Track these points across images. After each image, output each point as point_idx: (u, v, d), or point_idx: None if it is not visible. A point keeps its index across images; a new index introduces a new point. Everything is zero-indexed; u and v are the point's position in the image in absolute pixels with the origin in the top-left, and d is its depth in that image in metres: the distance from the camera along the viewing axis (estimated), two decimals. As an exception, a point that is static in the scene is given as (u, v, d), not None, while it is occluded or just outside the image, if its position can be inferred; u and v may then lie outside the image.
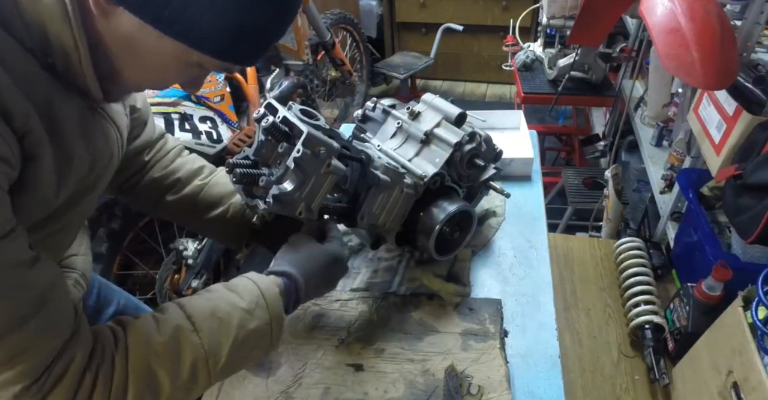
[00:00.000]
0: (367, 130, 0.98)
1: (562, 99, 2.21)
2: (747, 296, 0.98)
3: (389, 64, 3.38)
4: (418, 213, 0.88)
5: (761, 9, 1.15)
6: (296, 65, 2.52)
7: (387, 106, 0.96)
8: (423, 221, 0.88)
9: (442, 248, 0.93)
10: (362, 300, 0.94)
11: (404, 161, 0.89)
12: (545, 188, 1.24)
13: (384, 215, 0.85)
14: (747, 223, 1.05)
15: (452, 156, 0.88)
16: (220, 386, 0.81)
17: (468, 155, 0.90)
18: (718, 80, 1.08)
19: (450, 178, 0.90)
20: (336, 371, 0.82)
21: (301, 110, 0.75)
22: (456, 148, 0.88)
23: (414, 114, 0.92)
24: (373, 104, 0.98)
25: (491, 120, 1.34)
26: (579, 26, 1.86)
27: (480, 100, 3.77)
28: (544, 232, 1.09)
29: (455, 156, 0.89)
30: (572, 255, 1.66)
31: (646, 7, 1.17)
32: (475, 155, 0.92)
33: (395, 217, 0.86)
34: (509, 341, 0.87)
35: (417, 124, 0.91)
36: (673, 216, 1.58)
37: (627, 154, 2.21)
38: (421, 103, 0.94)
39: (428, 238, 0.87)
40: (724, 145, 1.22)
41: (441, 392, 0.78)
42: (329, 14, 2.79)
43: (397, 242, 0.93)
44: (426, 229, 0.88)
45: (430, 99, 0.94)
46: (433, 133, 0.90)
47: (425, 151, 0.90)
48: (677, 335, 1.28)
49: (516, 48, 2.58)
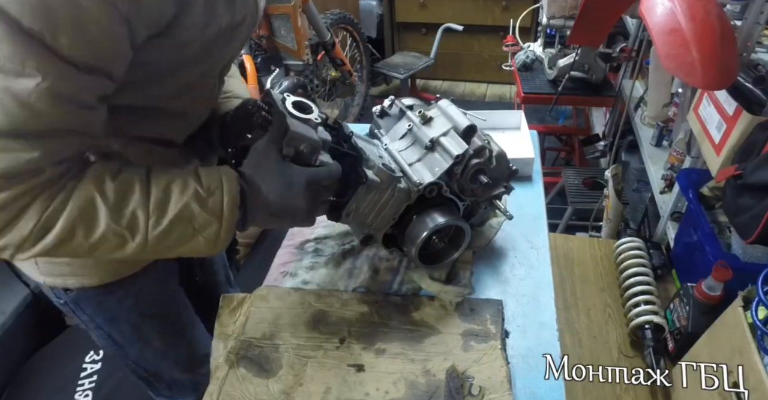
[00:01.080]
0: (382, 126, 0.97)
1: (562, 99, 2.21)
2: (747, 296, 0.98)
3: (389, 64, 3.38)
4: (408, 219, 0.88)
5: (761, 9, 1.15)
6: (296, 65, 2.52)
7: (405, 106, 0.95)
8: (411, 228, 0.88)
9: (427, 257, 0.93)
10: (363, 300, 0.94)
11: (404, 165, 0.88)
12: (545, 188, 1.24)
13: (373, 214, 0.85)
14: (747, 223, 1.05)
15: (453, 168, 0.86)
16: (220, 386, 0.81)
17: (472, 169, 0.87)
18: (718, 80, 1.08)
19: (449, 189, 0.88)
20: (337, 371, 0.82)
21: (294, 102, 0.74)
22: (457, 160, 0.85)
23: (425, 119, 0.91)
24: (390, 102, 0.98)
25: (491, 120, 1.34)
26: (579, 26, 1.86)
27: (480, 100, 3.77)
28: (545, 232, 1.09)
29: (456, 168, 0.86)
30: (572, 255, 1.66)
31: (646, 7, 1.17)
32: (481, 171, 0.88)
33: (384, 218, 0.86)
34: (510, 342, 0.87)
35: (426, 130, 0.90)
36: (673, 216, 1.59)
37: (627, 154, 2.22)
38: (435, 109, 0.92)
39: (413, 245, 0.87)
40: (724, 145, 1.22)
41: (442, 392, 0.78)
42: (329, 14, 2.79)
43: (385, 244, 0.92)
44: (412, 236, 0.87)
45: (445, 105, 0.92)
46: (438, 142, 0.88)
47: (428, 158, 0.88)
48: (677, 335, 1.28)
49: (516, 48, 2.58)
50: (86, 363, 1.36)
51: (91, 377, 1.33)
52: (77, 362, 1.36)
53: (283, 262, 1.04)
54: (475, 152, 0.87)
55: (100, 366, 1.36)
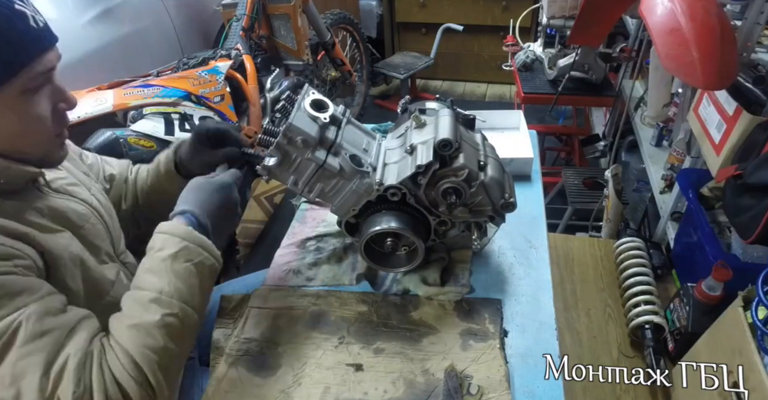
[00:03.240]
0: (402, 122, 0.97)
1: (562, 99, 2.20)
2: (747, 296, 0.98)
3: (389, 64, 3.38)
4: (368, 214, 0.90)
5: (761, 9, 1.15)
6: (296, 65, 2.52)
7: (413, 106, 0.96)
8: (365, 223, 0.89)
9: (378, 258, 0.93)
10: (362, 300, 0.94)
11: (381, 162, 0.89)
12: (545, 188, 1.24)
13: (338, 199, 0.89)
14: (747, 223, 1.05)
15: (417, 177, 0.83)
16: (219, 386, 0.81)
17: (442, 185, 0.84)
18: (718, 80, 1.08)
19: (414, 198, 0.86)
20: (336, 370, 0.82)
21: (313, 101, 0.86)
22: (419, 170, 0.82)
23: (420, 123, 0.90)
24: (404, 101, 1.00)
25: (491, 120, 1.34)
26: (579, 26, 1.86)
27: (480, 100, 3.76)
28: (544, 232, 1.09)
29: (420, 179, 0.83)
30: (572, 255, 1.66)
31: (646, 7, 1.17)
32: (454, 190, 0.84)
33: (344, 206, 0.89)
34: (509, 341, 0.87)
35: (414, 134, 0.89)
36: (673, 216, 1.58)
37: (627, 154, 2.21)
38: (434, 117, 0.91)
39: (361, 239, 0.89)
40: (724, 145, 1.22)
41: (441, 391, 0.78)
42: (329, 14, 2.78)
43: (347, 231, 0.94)
44: (363, 230, 0.89)
45: (441, 114, 0.90)
46: (415, 148, 0.86)
47: (404, 161, 0.87)
48: (677, 335, 1.28)
49: (516, 48, 2.57)
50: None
51: None
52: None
53: (286, 261, 1.04)
54: (452, 170, 0.83)
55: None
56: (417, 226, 0.89)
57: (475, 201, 0.87)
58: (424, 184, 0.84)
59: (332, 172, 0.85)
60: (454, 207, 0.86)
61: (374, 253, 0.93)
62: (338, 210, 0.91)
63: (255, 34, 2.27)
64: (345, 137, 0.88)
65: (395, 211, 0.88)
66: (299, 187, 0.87)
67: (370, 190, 0.86)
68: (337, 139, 0.86)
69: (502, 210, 0.89)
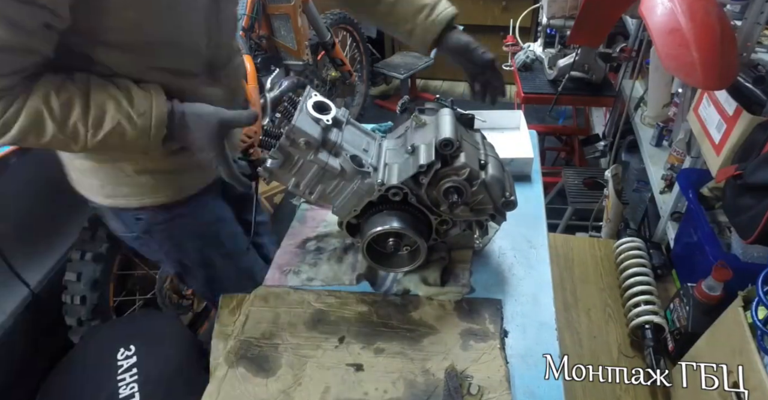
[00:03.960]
0: (401, 122, 0.98)
1: (562, 99, 2.20)
2: (747, 296, 0.98)
3: (389, 64, 3.38)
4: (369, 214, 0.89)
5: (761, 9, 1.15)
6: (296, 65, 2.52)
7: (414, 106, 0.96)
8: (367, 223, 0.89)
9: (380, 258, 0.93)
10: (362, 300, 0.94)
11: (382, 163, 0.89)
12: (545, 188, 1.24)
13: (339, 200, 0.89)
14: (747, 223, 1.05)
15: (419, 177, 0.83)
16: (219, 385, 0.81)
17: (444, 185, 0.84)
18: (718, 80, 1.08)
19: (416, 198, 0.86)
20: (336, 371, 0.82)
21: (315, 103, 0.86)
22: (421, 169, 0.82)
23: (420, 123, 0.90)
24: (403, 101, 0.99)
25: (491, 120, 1.34)
26: (579, 26, 1.86)
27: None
28: (544, 232, 1.09)
29: (422, 178, 0.83)
30: (572, 255, 1.66)
31: (646, 7, 1.17)
32: (456, 189, 0.84)
33: (345, 207, 0.89)
34: (509, 341, 0.87)
35: (415, 134, 0.89)
36: (673, 216, 1.59)
37: (627, 154, 2.22)
38: (434, 117, 0.91)
39: (362, 239, 0.89)
40: (724, 145, 1.22)
41: (441, 392, 0.78)
42: (329, 14, 2.79)
43: (350, 232, 0.94)
44: (364, 231, 0.89)
45: (442, 114, 0.90)
46: (416, 148, 0.86)
47: (405, 161, 0.87)
48: (677, 335, 1.28)
49: (516, 48, 2.57)
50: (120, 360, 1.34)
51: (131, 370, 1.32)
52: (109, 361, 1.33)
53: (286, 261, 1.04)
54: (454, 169, 0.83)
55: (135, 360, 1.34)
56: (419, 225, 0.89)
57: (477, 200, 0.87)
58: (426, 183, 0.84)
59: (333, 174, 0.85)
60: (456, 206, 0.86)
61: (376, 253, 0.93)
62: (339, 211, 0.90)
63: (255, 34, 2.27)
64: (345, 138, 0.88)
65: (397, 211, 0.88)
66: (300, 189, 0.87)
67: (371, 190, 0.86)
68: (337, 140, 0.86)
69: (503, 208, 0.89)
